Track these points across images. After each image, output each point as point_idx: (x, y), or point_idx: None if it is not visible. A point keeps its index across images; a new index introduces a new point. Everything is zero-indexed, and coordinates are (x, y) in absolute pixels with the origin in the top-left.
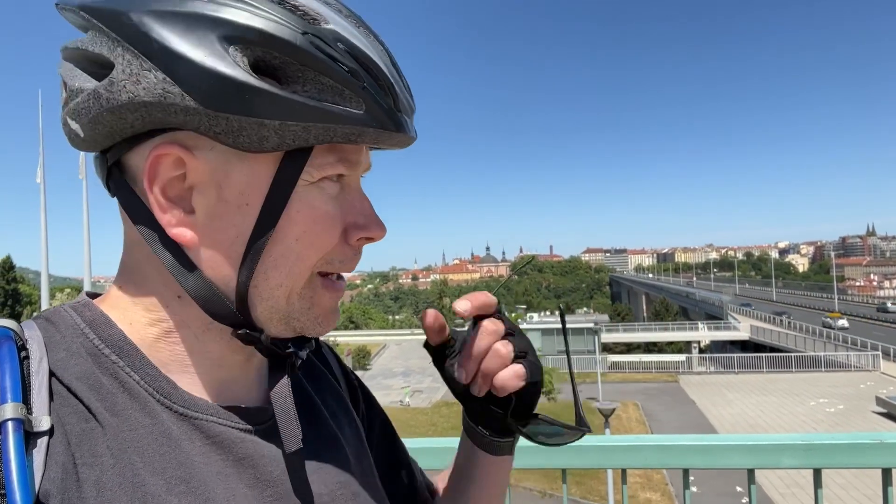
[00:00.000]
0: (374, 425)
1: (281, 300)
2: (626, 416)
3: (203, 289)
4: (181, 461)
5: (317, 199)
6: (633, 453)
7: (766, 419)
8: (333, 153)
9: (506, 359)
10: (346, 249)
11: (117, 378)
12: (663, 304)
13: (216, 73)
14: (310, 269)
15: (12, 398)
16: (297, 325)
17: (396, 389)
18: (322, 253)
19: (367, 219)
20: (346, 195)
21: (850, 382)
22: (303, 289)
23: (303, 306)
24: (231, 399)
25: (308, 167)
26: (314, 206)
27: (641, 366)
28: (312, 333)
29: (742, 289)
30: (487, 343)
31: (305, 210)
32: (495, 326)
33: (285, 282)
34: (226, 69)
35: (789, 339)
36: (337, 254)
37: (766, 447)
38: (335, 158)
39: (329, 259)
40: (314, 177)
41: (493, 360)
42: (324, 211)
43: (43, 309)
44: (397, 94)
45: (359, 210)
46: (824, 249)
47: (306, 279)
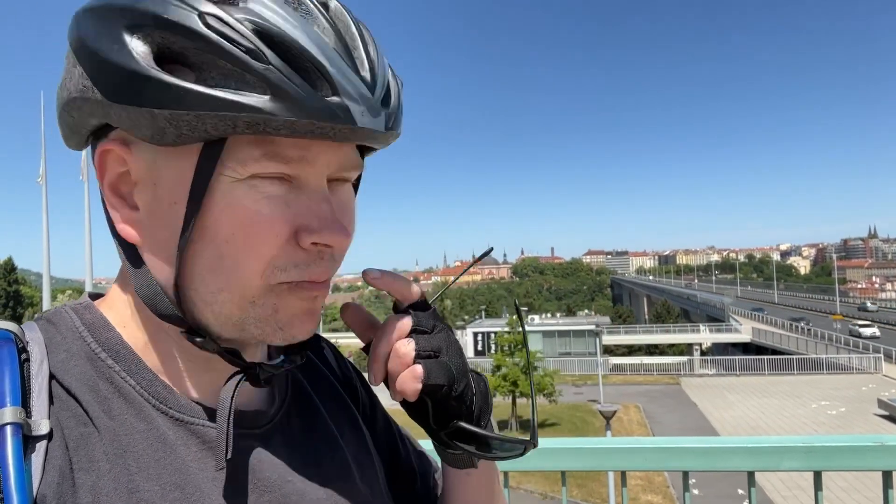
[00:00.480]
0: (377, 427)
1: (229, 306)
2: (627, 418)
3: (146, 287)
4: (176, 467)
5: (245, 197)
6: (633, 455)
7: (767, 421)
8: (259, 147)
9: (405, 358)
10: (299, 254)
11: (113, 383)
12: (665, 307)
13: (112, 63)
14: (257, 276)
15: (11, 402)
16: (256, 332)
17: None
18: (264, 258)
19: (322, 222)
20: (297, 195)
21: (851, 385)
22: (259, 297)
23: (262, 313)
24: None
25: (230, 162)
26: (241, 205)
27: (643, 368)
28: (278, 341)
29: (744, 291)
30: (388, 342)
31: (231, 210)
32: (400, 323)
33: (227, 287)
34: (119, 59)
35: (791, 341)
36: (288, 259)
37: (767, 449)
38: (261, 153)
39: (281, 265)
40: (241, 173)
41: (394, 361)
42: (254, 211)
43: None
44: (331, 77)
45: (313, 212)
46: (826, 251)
47: (258, 287)
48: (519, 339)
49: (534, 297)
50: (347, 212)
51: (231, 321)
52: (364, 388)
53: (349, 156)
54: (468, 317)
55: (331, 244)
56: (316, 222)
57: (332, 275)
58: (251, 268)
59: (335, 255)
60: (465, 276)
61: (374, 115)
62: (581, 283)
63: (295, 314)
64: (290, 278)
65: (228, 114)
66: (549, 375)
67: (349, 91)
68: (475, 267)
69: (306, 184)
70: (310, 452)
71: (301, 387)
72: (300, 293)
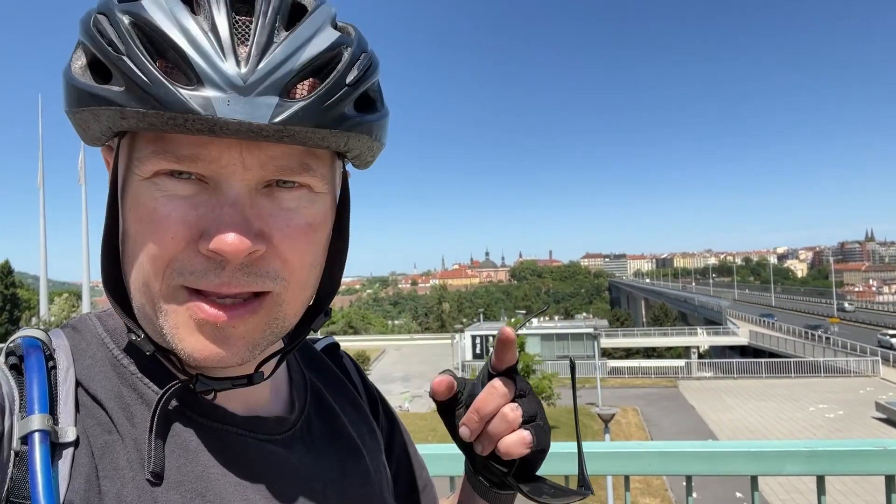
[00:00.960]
0: (395, 441)
1: (147, 308)
2: (625, 421)
3: (107, 282)
4: (198, 474)
5: (145, 195)
6: (636, 459)
7: (765, 425)
8: (151, 144)
9: (513, 424)
10: (197, 260)
11: (136, 389)
12: (662, 310)
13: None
14: (157, 279)
15: (39, 409)
16: (172, 343)
17: (396, 394)
18: (161, 259)
19: (219, 227)
20: (209, 197)
21: (849, 388)
22: (164, 303)
23: (169, 323)
24: (249, 409)
25: (136, 161)
26: (141, 203)
27: (641, 371)
28: (187, 359)
29: (741, 294)
30: (496, 405)
31: (136, 207)
32: (506, 388)
33: (143, 287)
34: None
35: (788, 344)
36: (186, 264)
37: (770, 454)
38: (151, 150)
39: (178, 269)
40: (144, 171)
41: (499, 424)
42: (151, 209)
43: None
44: (195, 65)
45: (216, 217)
46: (823, 255)
47: (159, 291)
48: (519, 342)
49: (532, 301)
50: (278, 219)
51: (153, 326)
52: (381, 400)
53: (284, 155)
54: (466, 320)
55: (219, 251)
56: (214, 227)
57: (239, 289)
58: (151, 268)
59: (247, 265)
60: (464, 279)
61: (250, 107)
62: (579, 287)
63: (190, 329)
64: (188, 284)
65: (95, 108)
66: (547, 378)
67: (214, 79)
68: (473, 270)
69: (218, 185)
70: (333, 460)
71: (320, 394)
72: (197, 305)
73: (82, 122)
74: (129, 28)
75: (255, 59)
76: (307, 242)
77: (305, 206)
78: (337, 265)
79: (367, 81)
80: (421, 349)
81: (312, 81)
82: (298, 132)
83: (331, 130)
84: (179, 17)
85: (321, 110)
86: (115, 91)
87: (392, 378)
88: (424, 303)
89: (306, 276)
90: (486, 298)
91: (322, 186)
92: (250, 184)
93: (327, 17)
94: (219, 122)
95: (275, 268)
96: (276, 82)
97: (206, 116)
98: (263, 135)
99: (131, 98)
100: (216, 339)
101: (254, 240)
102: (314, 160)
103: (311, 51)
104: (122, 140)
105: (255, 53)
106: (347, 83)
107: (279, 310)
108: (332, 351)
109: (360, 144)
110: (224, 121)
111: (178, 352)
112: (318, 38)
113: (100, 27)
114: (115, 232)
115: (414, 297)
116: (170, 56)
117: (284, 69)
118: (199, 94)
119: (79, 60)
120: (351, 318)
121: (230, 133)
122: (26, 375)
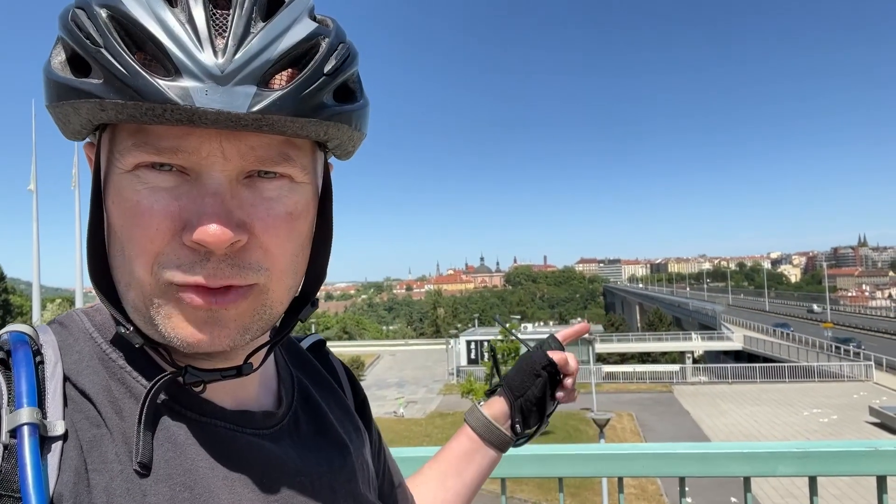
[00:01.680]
0: (374, 440)
1: (138, 301)
2: (620, 426)
3: (94, 276)
4: (186, 467)
5: (127, 188)
6: (629, 461)
7: (760, 429)
8: (132, 137)
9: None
10: (182, 252)
11: (124, 383)
12: (657, 315)
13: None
14: (146, 272)
15: (28, 403)
16: (166, 333)
17: (391, 400)
18: (148, 252)
19: (200, 218)
20: (190, 189)
21: (843, 393)
22: (155, 295)
23: (161, 313)
24: (238, 403)
25: (117, 154)
26: (123, 196)
27: (635, 376)
28: (180, 345)
29: (735, 299)
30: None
31: (118, 201)
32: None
33: (132, 280)
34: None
35: (782, 349)
36: (172, 256)
37: (762, 455)
38: (132, 143)
39: (164, 262)
40: (125, 164)
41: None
42: (134, 202)
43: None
44: (171, 55)
45: (196, 206)
46: (816, 260)
47: (150, 283)
48: (513, 348)
49: (527, 306)
50: (259, 209)
51: (144, 319)
52: (365, 400)
53: (263, 145)
54: (461, 325)
55: (201, 242)
56: (196, 218)
57: (230, 280)
58: (138, 262)
59: (230, 256)
60: (458, 284)
61: (229, 97)
62: (574, 292)
63: (182, 316)
64: (174, 278)
65: (75, 101)
66: None
67: (192, 69)
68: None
69: (199, 176)
70: (320, 455)
71: (307, 391)
72: (186, 296)
73: (63, 117)
74: (107, 21)
75: (233, 49)
76: (288, 231)
77: (286, 196)
78: (322, 256)
79: (345, 71)
80: (416, 354)
81: (291, 72)
82: (277, 121)
83: (310, 119)
84: (157, 10)
85: (299, 99)
86: (94, 83)
87: (387, 384)
88: (419, 308)
89: (288, 265)
90: (481, 304)
91: (303, 176)
92: (231, 174)
93: (304, 8)
94: (197, 111)
95: (257, 258)
96: (253, 72)
97: (185, 106)
98: (242, 124)
99: (110, 90)
100: (209, 322)
101: (235, 230)
102: (294, 150)
103: (288, 41)
104: (102, 134)
105: (232, 44)
106: (326, 72)
107: (266, 297)
108: (317, 348)
109: (341, 134)
110: (202, 110)
111: (170, 340)
112: (295, 29)
113: (78, 21)
114: (99, 226)
115: (409, 303)
116: (148, 48)
117: (262, 59)
118: (177, 84)
119: (58, 56)
120: (346, 323)
121: (209, 122)
122: (14, 370)
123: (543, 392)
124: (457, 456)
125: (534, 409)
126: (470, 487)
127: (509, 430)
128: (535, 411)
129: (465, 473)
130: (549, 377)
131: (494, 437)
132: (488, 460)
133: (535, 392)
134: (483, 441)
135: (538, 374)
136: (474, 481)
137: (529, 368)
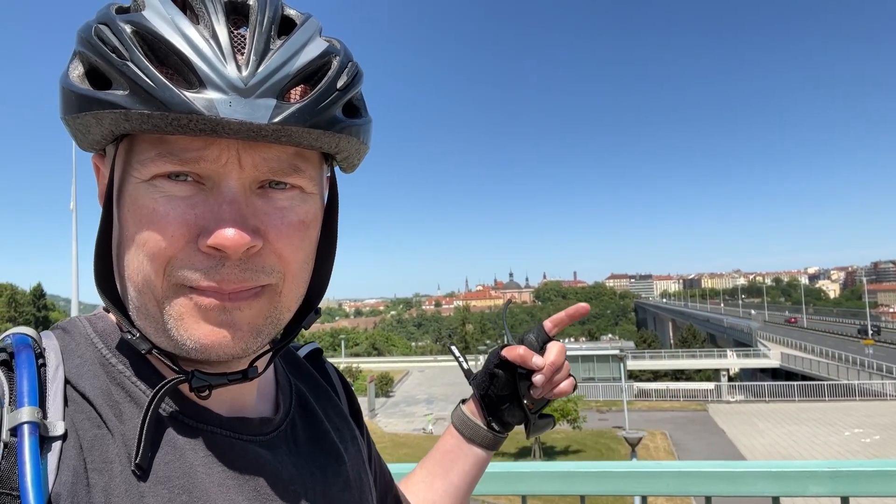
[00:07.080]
0: (370, 447)
1: (150, 305)
2: (653, 445)
3: (100, 283)
4: (185, 471)
5: (145, 197)
6: (655, 480)
7: (798, 450)
8: (155, 147)
9: (566, 373)
10: (198, 258)
11: (124, 387)
12: (690, 331)
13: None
14: (159, 276)
15: (29, 402)
16: (178, 336)
17: (420, 416)
18: (162, 257)
19: (217, 224)
20: (206, 197)
21: (886, 411)
22: (167, 299)
23: (173, 316)
24: (235, 410)
25: (135, 164)
26: (140, 204)
27: (669, 394)
28: (193, 352)
29: (771, 315)
30: (563, 361)
31: (134, 209)
32: (562, 347)
33: (143, 286)
34: (60, 78)
35: (821, 366)
36: (187, 261)
37: (792, 474)
38: (156, 153)
39: (179, 267)
40: (144, 174)
41: (562, 374)
42: (151, 210)
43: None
44: (197, 69)
45: (213, 214)
46: (856, 275)
47: (162, 288)
48: None
49: None
50: (272, 217)
51: (154, 325)
52: (357, 410)
53: (276, 156)
54: (490, 341)
55: (218, 246)
56: (213, 223)
57: (244, 285)
58: (151, 267)
59: (244, 261)
60: (487, 300)
61: (251, 108)
62: (604, 308)
63: (195, 321)
64: (188, 282)
65: (98, 112)
66: (572, 401)
67: (216, 82)
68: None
69: (216, 185)
70: (315, 464)
71: (305, 399)
72: (200, 300)
73: (83, 127)
74: (132, 36)
75: (255, 63)
76: (301, 239)
77: (298, 205)
78: (326, 266)
79: (354, 88)
80: (444, 371)
81: (304, 87)
82: (295, 132)
83: (324, 131)
84: (181, 26)
85: (315, 112)
86: (118, 95)
87: (416, 400)
88: (448, 324)
89: (300, 271)
90: (510, 320)
91: (312, 187)
92: (245, 184)
93: (316, 28)
94: (221, 121)
95: (271, 263)
96: (273, 85)
97: (210, 117)
98: (262, 134)
99: (136, 101)
100: (222, 323)
101: (251, 235)
102: (304, 162)
103: (304, 57)
104: (119, 145)
105: (255, 58)
106: (338, 88)
107: (278, 300)
108: (314, 357)
109: (350, 146)
110: (226, 121)
111: (182, 343)
112: (310, 47)
113: (102, 36)
114: (108, 235)
115: (438, 319)
116: (171, 62)
117: (281, 73)
118: (201, 95)
119: (76, 70)
120: (375, 339)
121: (231, 133)
122: (16, 370)
123: (511, 389)
124: (442, 454)
125: (508, 405)
126: (458, 487)
127: (486, 425)
128: (513, 408)
129: (451, 473)
130: (514, 374)
131: (473, 433)
132: (473, 458)
133: (497, 391)
134: (464, 437)
135: (493, 373)
136: (462, 480)
137: (486, 367)
